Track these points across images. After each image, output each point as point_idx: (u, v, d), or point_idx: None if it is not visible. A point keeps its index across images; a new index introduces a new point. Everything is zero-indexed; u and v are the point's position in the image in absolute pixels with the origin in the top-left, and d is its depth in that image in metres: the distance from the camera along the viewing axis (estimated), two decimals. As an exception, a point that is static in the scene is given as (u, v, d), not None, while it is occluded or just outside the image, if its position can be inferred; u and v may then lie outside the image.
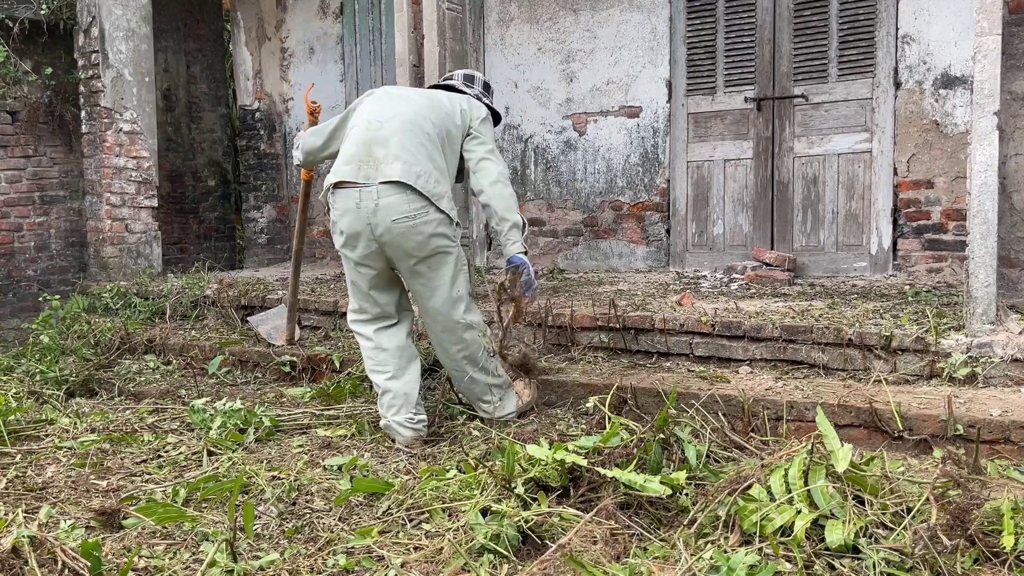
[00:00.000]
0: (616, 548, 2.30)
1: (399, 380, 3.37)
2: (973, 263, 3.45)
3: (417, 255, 3.23)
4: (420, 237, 3.20)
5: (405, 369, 3.39)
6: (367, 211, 3.19)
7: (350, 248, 3.31)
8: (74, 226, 7.22)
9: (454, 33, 4.67)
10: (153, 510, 2.50)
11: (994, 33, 3.35)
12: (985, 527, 2.20)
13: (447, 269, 3.29)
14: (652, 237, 6.07)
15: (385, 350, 3.39)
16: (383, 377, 3.37)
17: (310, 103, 4.13)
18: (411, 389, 3.37)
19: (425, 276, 3.28)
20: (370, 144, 3.26)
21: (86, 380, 4.70)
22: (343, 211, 3.26)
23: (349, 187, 3.24)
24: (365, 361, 3.47)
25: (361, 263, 3.32)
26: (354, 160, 3.26)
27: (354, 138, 3.33)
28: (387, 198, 3.17)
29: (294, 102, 7.67)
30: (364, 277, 3.35)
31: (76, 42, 6.75)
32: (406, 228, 3.18)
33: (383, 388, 3.37)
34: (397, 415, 3.33)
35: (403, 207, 3.18)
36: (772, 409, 3.30)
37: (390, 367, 3.37)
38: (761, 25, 5.59)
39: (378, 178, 3.19)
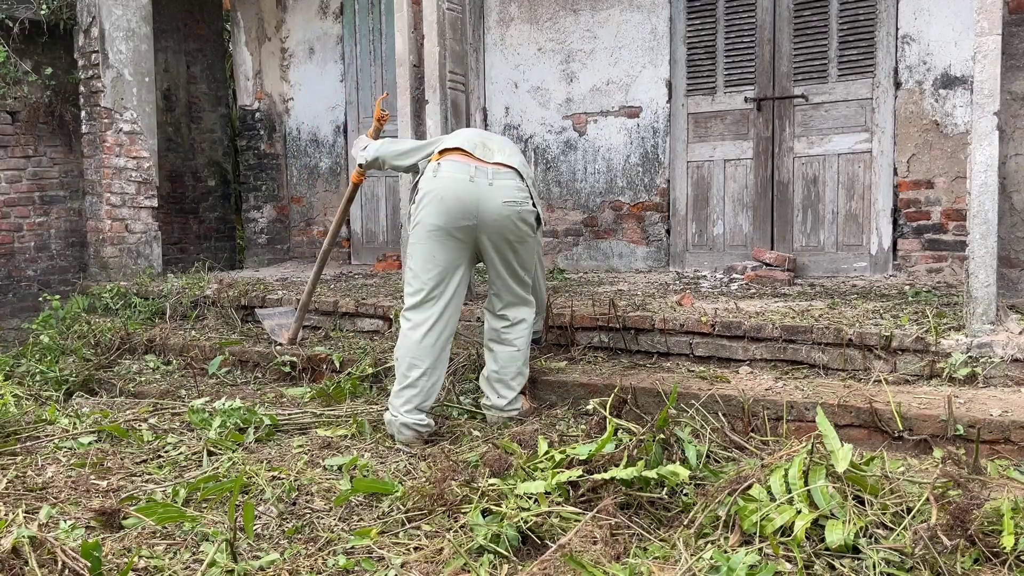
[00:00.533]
0: (616, 548, 2.30)
1: (427, 379, 3.37)
2: (973, 263, 3.45)
3: (510, 238, 3.39)
4: (519, 222, 3.38)
5: (436, 370, 3.40)
6: (480, 186, 3.32)
7: (445, 217, 3.31)
8: (74, 226, 7.22)
9: (454, 33, 4.66)
10: (153, 510, 2.50)
11: (994, 33, 3.35)
12: (985, 527, 2.20)
13: (527, 255, 3.50)
14: (652, 237, 6.07)
15: (430, 347, 3.37)
16: (415, 373, 3.36)
17: (380, 110, 4.13)
18: (434, 391, 3.41)
19: (508, 257, 3.44)
20: (484, 138, 3.50)
21: (86, 380, 4.70)
22: (451, 179, 3.32)
23: (463, 161, 3.36)
24: (400, 351, 3.41)
25: (451, 235, 3.33)
26: (469, 141, 3.44)
27: (464, 134, 3.56)
28: (502, 180, 3.36)
29: (294, 102, 7.67)
30: (447, 249, 3.35)
31: (76, 42, 6.75)
32: (511, 211, 3.35)
33: (409, 383, 3.36)
34: (409, 414, 3.33)
35: (514, 192, 3.37)
36: (772, 409, 3.30)
37: (425, 364, 3.37)
38: (761, 25, 5.59)
39: (494, 159, 3.39)
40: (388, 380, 4.11)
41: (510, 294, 3.53)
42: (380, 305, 4.90)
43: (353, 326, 4.99)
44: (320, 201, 7.58)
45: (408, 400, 3.35)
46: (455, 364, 4.01)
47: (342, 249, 7.45)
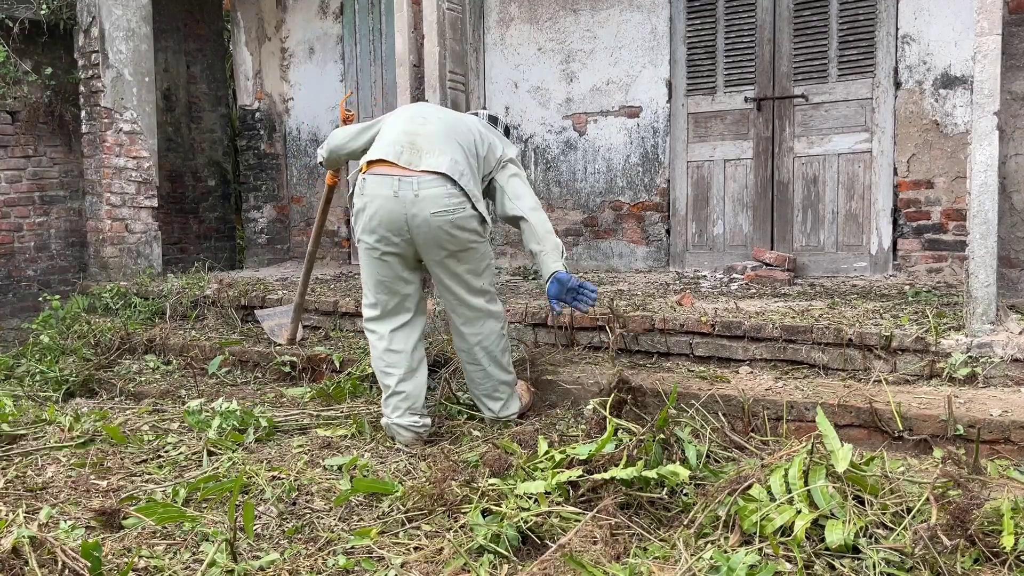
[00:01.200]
0: (616, 548, 2.30)
1: (408, 383, 3.33)
2: (973, 263, 3.45)
3: (449, 248, 3.22)
4: (456, 231, 3.19)
5: (415, 372, 3.36)
6: (405, 200, 3.15)
7: (377, 236, 3.22)
8: (74, 226, 7.22)
9: (454, 33, 4.67)
10: (153, 510, 2.50)
11: (994, 33, 3.35)
12: (985, 527, 2.20)
13: (476, 263, 3.31)
14: (652, 237, 6.07)
15: (398, 352, 3.34)
16: (393, 379, 3.33)
17: (345, 111, 4.15)
18: (419, 393, 3.36)
19: (453, 267, 3.28)
20: (413, 135, 3.27)
21: (86, 380, 4.70)
22: (375, 196, 3.19)
23: (386, 174, 3.19)
24: (374, 362, 3.41)
25: (388, 252, 3.24)
26: (395, 144, 3.25)
27: (394, 129, 3.33)
28: (428, 189, 3.15)
29: (294, 102, 7.67)
30: (388, 266, 3.27)
31: (76, 42, 6.75)
32: (443, 221, 3.17)
33: (392, 390, 3.33)
34: (401, 418, 3.31)
35: (444, 200, 3.16)
36: (772, 409, 3.30)
37: (400, 369, 3.33)
38: (761, 25, 5.59)
39: (420, 166, 3.18)
40: (388, 380, 4.11)
41: (465, 308, 3.37)
42: (380, 305, 4.89)
43: (353, 326, 4.99)
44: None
45: (396, 407, 3.33)
46: (454, 363, 4.01)
47: (342, 249, 7.45)
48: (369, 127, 3.56)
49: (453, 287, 3.32)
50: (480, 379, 3.48)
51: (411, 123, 3.33)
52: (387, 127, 3.39)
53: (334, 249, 7.49)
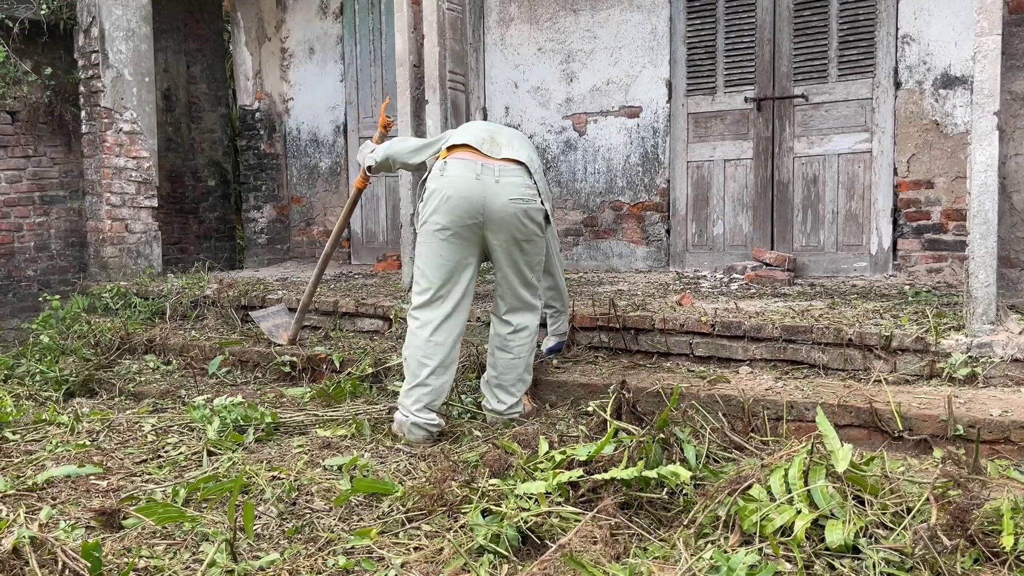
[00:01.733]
0: (616, 548, 2.30)
1: (438, 378, 3.36)
2: (973, 263, 3.45)
3: (517, 236, 3.35)
4: (527, 220, 3.34)
5: (447, 369, 3.39)
6: (486, 183, 3.29)
7: (451, 217, 3.29)
8: (74, 226, 7.22)
9: (454, 33, 4.66)
10: (153, 510, 2.50)
11: (994, 33, 3.35)
12: (985, 527, 2.20)
13: (534, 255, 3.45)
14: (652, 237, 6.07)
15: (439, 344, 3.36)
16: (425, 371, 3.34)
17: (385, 117, 4.19)
18: (443, 390, 3.39)
19: (515, 255, 3.40)
20: (492, 131, 3.48)
21: (86, 380, 4.70)
22: (456, 178, 3.30)
23: (468, 159, 3.33)
24: (410, 350, 3.39)
25: (458, 234, 3.31)
26: (477, 135, 3.41)
27: (472, 127, 3.51)
28: (509, 176, 3.32)
29: (294, 102, 7.67)
30: (454, 248, 3.33)
31: (76, 42, 6.75)
32: (518, 209, 3.31)
33: (420, 382, 3.34)
34: (420, 413, 3.32)
35: (521, 189, 3.33)
36: (772, 409, 3.30)
37: (435, 361, 3.35)
38: (761, 25, 5.59)
39: (501, 155, 3.36)
40: (388, 380, 4.11)
41: (515, 298, 3.49)
42: (380, 305, 4.90)
43: (353, 326, 4.99)
44: (320, 201, 7.58)
45: (418, 399, 3.33)
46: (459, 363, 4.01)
47: (342, 249, 7.45)
48: (431, 144, 3.69)
49: (510, 275, 3.44)
50: (504, 368, 3.51)
51: (485, 129, 3.52)
52: (463, 128, 3.56)
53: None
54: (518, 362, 3.51)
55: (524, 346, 3.52)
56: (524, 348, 3.52)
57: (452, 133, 3.60)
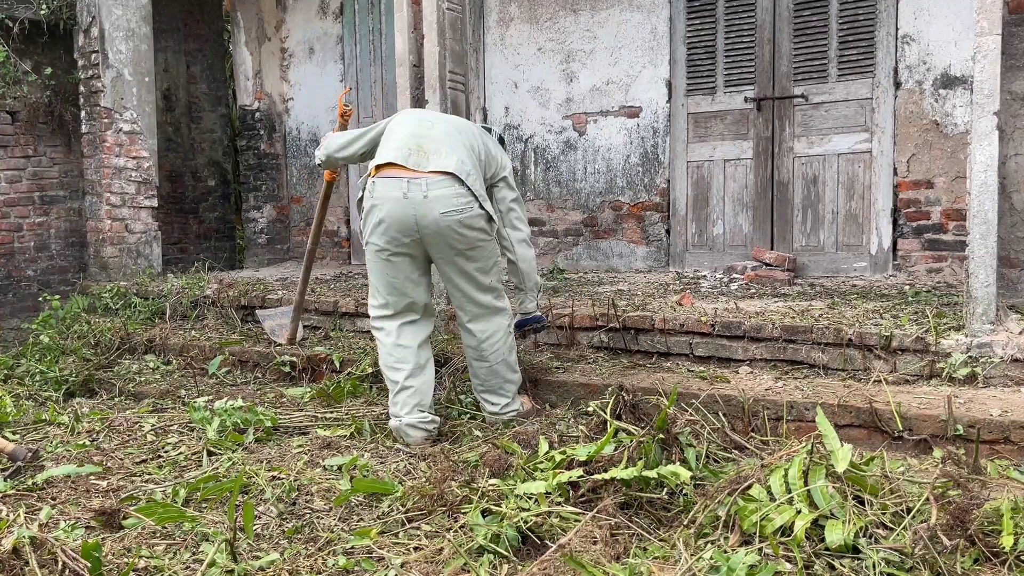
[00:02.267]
0: (616, 548, 2.30)
1: (416, 379, 3.35)
2: (973, 263, 3.45)
3: (458, 247, 3.28)
4: (464, 229, 3.25)
5: (423, 368, 3.39)
6: (415, 201, 3.21)
7: (387, 238, 3.27)
8: (74, 226, 7.22)
9: (454, 33, 4.66)
10: (153, 510, 2.50)
11: (994, 33, 3.35)
12: (985, 527, 2.20)
13: (484, 260, 3.37)
14: (652, 237, 6.07)
15: (406, 347, 3.36)
16: (401, 375, 3.34)
17: (343, 105, 4.15)
18: (427, 389, 3.38)
19: (462, 265, 3.34)
20: (420, 138, 3.33)
21: (86, 380, 4.70)
22: (385, 199, 3.24)
23: (394, 177, 3.25)
24: (382, 359, 3.43)
25: (398, 252, 3.30)
26: (403, 148, 3.30)
27: (401, 134, 3.37)
28: (437, 190, 3.22)
29: (294, 102, 7.67)
30: (397, 267, 3.33)
31: (76, 42, 6.75)
32: (452, 221, 3.23)
33: (400, 386, 3.34)
34: (411, 415, 3.31)
35: (452, 200, 3.22)
36: (772, 409, 3.30)
37: (408, 365, 3.35)
38: (761, 25, 5.59)
39: (428, 167, 3.24)
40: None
41: (474, 305, 3.42)
42: (380, 305, 4.89)
43: (353, 326, 4.99)
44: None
45: (404, 403, 3.33)
46: (454, 364, 4.01)
47: (342, 249, 7.45)
48: (364, 133, 3.63)
49: (462, 284, 3.38)
50: (486, 375, 3.49)
51: (418, 126, 3.38)
52: (392, 131, 3.43)
53: (334, 249, 7.49)
54: (498, 367, 3.47)
55: (498, 351, 3.46)
56: (499, 353, 3.46)
57: (388, 124, 3.51)
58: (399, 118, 3.52)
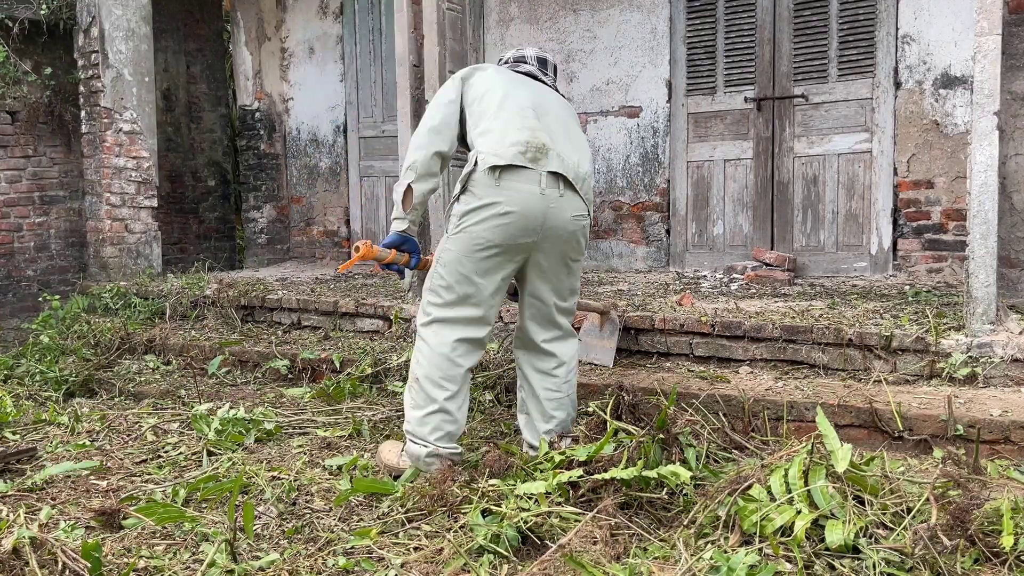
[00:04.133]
0: (616, 548, 2.30)
1: (455, 402, 2.91)
2: (973, 263, 3.45)
3: (568, 256, 2.97)
4: (582, 238, 2.99)
5: (462, 394, 2.95)
6: (550, 198, 2.84)
7: (506, 233, 2.81)
8: (74, 226, 7.22)
9: (454, 33, 4.66)
10: (153, 510, 2.50)
11: (994, 33, 3.35)
12: (985, 527, 2.20)
13: (576, 277, 3.09)
14: (652, 237, 6.07)
15: (459, 367, 2.90)
16: (444, 394, 2.88)
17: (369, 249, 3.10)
18: (463, 418, 2.97)
19: (562, 278, 3.01)
20: (534, 130, 2.90)
21: (86, 380, 4.70)
22: (518, 191, 2.80)
23: (527, 169, 2.84)
24: (427, 369, 2.89)
25: (506, 252, 2.85)
26: (519, 144, 2.84)
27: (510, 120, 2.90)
28: (569, 192, 2.90)
29: (294, 102, 7.67)
30: (496, 266, 2.86)
31: (76, 42, 6.75)
32: (578, 227, 2.94)
33: (439, 407, 2.87)
34: (442, 442, 2.87)
35: (579, 205, 2.94)
36: (772, 409, 3.30)
37: (455, 386, 2.90)
38: (761, 25, 5.59)
39: (549, 167, 2.85)
40: (388, 380, 4.11)
41: (555, 325, 3.05)
42: (380, 305, 4.90)
43: (353, 326, 4.99)
44: (320, 201, 7.58)
45: (437, 427, 2.87)
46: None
47: (342, 249, 7.45)
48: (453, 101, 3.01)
49: (554, 300, 3.02)
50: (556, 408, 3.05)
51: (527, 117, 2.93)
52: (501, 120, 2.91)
53: (334, 249, 7.49)
54: (566, 400, 3.08)
55: (570, 382, 3.09)
56: (570, 384, 3.09)
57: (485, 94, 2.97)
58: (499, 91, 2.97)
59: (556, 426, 3.05)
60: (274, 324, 5.35)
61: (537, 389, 3.06)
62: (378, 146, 7.17)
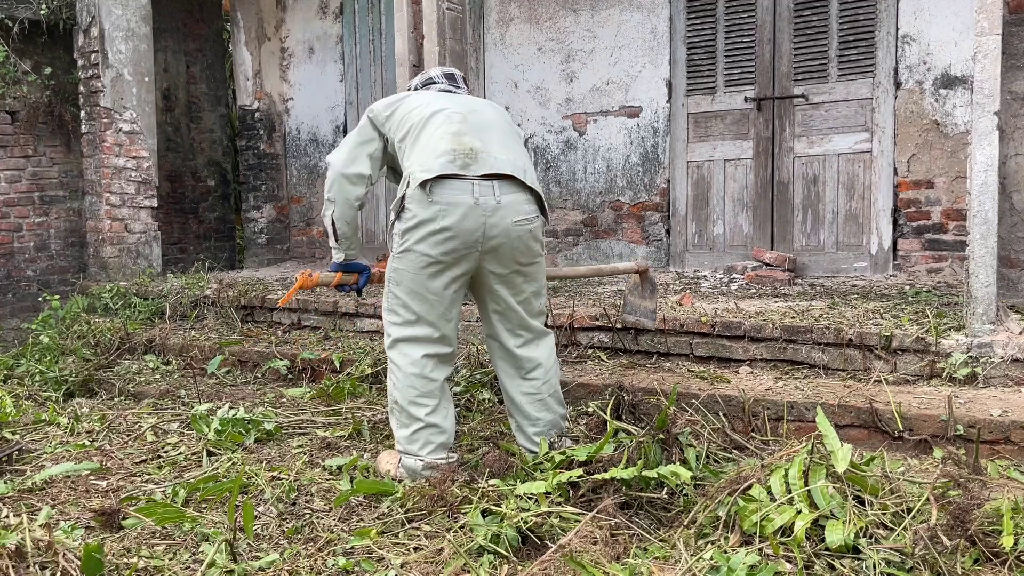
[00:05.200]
0: (616, 548, 2.30)
1: (439, 414, 2.89)
2: (973, 263, 3.45)
3: (521, 261, 2.87)
4: (532, 242, 2.87)
5: (447, 405, 2.94)
6: (486, 208, 2.75)
7: (445, 249, 2.77)
8: (74, 226, 7.22)
9: (454, 33, 4.66)
10: (153, 510, 2.50)
11: (994, 33, 3.35)
12: (985, 527, 2.20)
13: (539, 278, 2.99)
14: (652, 237, 6.07)
15: (433, 381, 2.88)
16: (425, 411, 2.86)
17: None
18: (451, 426, 2.94)
19: (519, 284, 2.93)
20: (459, 135, 2.83)
21: (86, 380, 4.70)
22: (452, 205, 2.73)
23: (458, 178, 2.76)
24: (403, 391, 2.88)
25: (449, 266, 2.80)
26: (446, 153, 2.78)
27: (434, 133, 2.85)
28: (508, 195, 2.80)
29: (294, 102, 7.67)
30: (444, 281, 2.82)
31: (76, 42, 6.75)
32: (523, 231, 2.82)
33: (424, 423, 2.86)
34: (433, 454, 2.87)
35: (523, 207, 2.83)
36: (772, 409, 3.30)
37: (434, 400, 2.88)
38: (761, 25, 5.59)
39: (481, 170, 2.78)
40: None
41: (525, 329, 2.98)
42: (380, 305, 4.89)
43: (353, 326, 4.99)
44: (320, 201, 7.56)
45: (427, 441, 2.87)
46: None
47: (342, 249, 7.44)
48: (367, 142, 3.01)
49: (514, 305, 2.94)
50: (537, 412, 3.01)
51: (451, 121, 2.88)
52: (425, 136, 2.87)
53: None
54: (549, 400, 3.02)
55: (549, 382, 3.02)
56: (550, 384, 3.02)
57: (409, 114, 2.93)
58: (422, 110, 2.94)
59: (544, 427, 3.01)
60: (274, 324, 5.35)
61: (514, 395, 3.02)
62: (378, 146, 7.16)
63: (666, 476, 2.54)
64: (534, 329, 3.01)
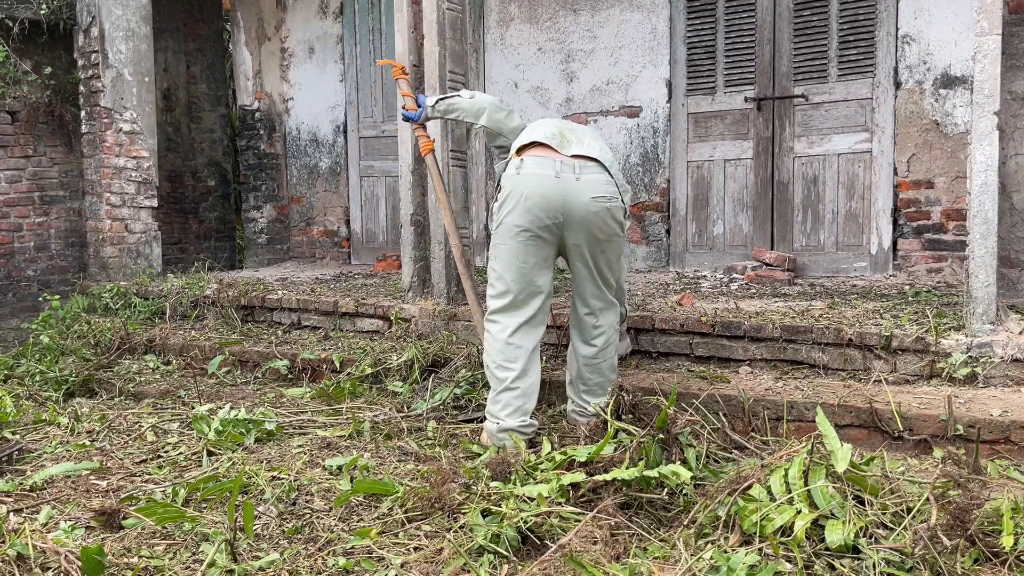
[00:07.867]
0: (616, 548, 2.30)
1: (525, 380, 3.22)
2: (973, 263, 3.45)
3: (598, 236, 3.21)
4: (609, 219, 3.20)
5: (530, 373, 3.24)
6: (566, 181, 3.14)
7: (531, 216, 3.14)
8: (74, 226, 7.22)
9: (454, 33, 4.66)
10: (153, 510, 2.50)
11: (994, 33, 3.35)
12: (985, 527, 2.20)
13: (616, 255, 3.31)
14: (652, 237, 6.07)
15: (519, 347, 3.21)
16: (511, 374, 3.19)
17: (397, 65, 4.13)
18: (533, 393, 3.25)
19: (596, 257, 3.25)
20: (560, 129, 3.31)
21: (86, 380, 4.70)
22: (535, 176, 3.15)
23: (546, 156, 3.19)
24: (491, 355, 3.25)
25: (536, 235, 3.16)
26: (546, 133, 3.26)
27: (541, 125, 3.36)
28: (589, 174, 3.18)
29: (294, 102, 7.67)
30: (532, 251, 3.18)
31: (76, 42, 6.75)
32: (600, 208, 3.16)
33: (506, 386, 3.20)
34: (512, 417, 3.18)
35: (602, 186, 3.18)
36: (772, 409, 3.30)
37: (519, 364, 3.20)
38: (761, 25, 5.59)
39: (571, 151, 3.20)
40: (388, 380, 4.11)
41: (596, 298, 3.33)
42: (380, 305, 4.90)
43: (353, 326, 4.99)
44: (320, 201, 7.58)
45: (508, 403, 3.19)
46: (453, 364, 4.01)
47: (342, 249, 7.45)
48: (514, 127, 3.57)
49: (589, 275, 3.29)
50: (590, 374, 3.37)
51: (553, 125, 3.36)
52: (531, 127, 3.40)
53: (334, 249, 7.49)
54: (602, 364, 3.36)
55: (608, 348, 3.36)
56: (606, 352, 3.36)
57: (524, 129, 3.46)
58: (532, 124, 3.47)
59: (592, 387, 3.36)
60: (274, 324, 5.35)
61: (578, 355, 3.38)
62: (378, 146, 7.17)
63: (666, 476, 2.54)
64: (603, 299, 3.34)
